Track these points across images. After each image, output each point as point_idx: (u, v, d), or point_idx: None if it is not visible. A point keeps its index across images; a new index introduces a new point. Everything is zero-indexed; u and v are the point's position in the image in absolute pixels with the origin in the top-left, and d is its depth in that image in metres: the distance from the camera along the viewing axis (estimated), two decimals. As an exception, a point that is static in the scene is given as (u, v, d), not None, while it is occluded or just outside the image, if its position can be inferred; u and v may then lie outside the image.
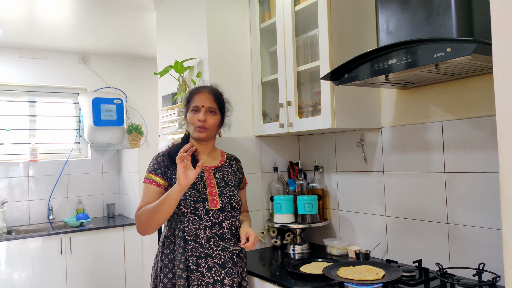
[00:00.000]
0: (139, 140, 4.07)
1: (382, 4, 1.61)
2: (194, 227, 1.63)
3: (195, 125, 1.71)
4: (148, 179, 1.69)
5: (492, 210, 1.60)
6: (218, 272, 1.62)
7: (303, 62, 2.10)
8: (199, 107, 1.72)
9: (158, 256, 1.71)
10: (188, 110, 1.76)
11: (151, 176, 1.69)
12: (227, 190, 1.73)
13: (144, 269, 3.71)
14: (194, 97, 1.75)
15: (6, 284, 3.10)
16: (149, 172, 1.70)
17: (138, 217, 1.63)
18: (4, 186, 3.66)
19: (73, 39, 3.64)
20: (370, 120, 2.01)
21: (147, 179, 1.69)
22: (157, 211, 1.56)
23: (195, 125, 1.71)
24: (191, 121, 1.72)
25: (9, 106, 3.84)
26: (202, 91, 1.77)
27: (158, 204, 1.56)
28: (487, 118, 1.61)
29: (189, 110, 1.74)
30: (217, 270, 1.63)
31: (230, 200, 1.71)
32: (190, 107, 1.74)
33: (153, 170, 1.70)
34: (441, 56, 1.29)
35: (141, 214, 1.61)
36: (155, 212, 1.56)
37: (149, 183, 1.68)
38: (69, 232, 3.36)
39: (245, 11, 2.44)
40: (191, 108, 1.74)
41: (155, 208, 1.56)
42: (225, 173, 1.80)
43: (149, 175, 1.69)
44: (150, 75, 4.37)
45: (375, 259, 2.03)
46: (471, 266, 1.64)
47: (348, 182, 2.23)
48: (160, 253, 1.71)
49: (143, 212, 1.61)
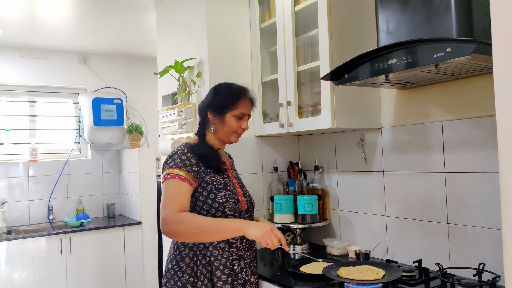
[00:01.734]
0: (139, 140, 4.07)
1: (382, 4, 1.61)
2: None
3: (235, 131, 1.62)
4: (179, 176, 1.49)
5: (492, 210, 1.60)
6: (247, 272, 1.61)
7: (303, 62, 2.10)
8: (245, 115, 1.63)
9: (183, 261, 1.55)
10: (229, 111, 1.61)
11: (182, 172, 1.50)
12: (245, 190, 1.72)
13: (144, 269, 3.71)
14: (242, 102, 1.62)
15: (6, 284, 3.10)
16: (179, 167, 1.50)
17: (178, 223, 1.41)
18: (4, 186, 3.66)
19: (73, 39, 3.64)
20: (370, 120, 2.01)
21: (177, 175, 1.49)
22: (207, 234, 1.43)
23: (235, 131, 1.62)
24: (232, 125, 1.61)
25: (9, 106, 3.84)
26: (248, 96, 1.65)
27: (212, 229, 1.41)
28: (487, 118, 1.61)
29: (232, 113, 1.61)
30: (247, 271, 1.61)
31: (251, 200, 1.71)
32: (237, 111, 1.61)
33: (183, 166, 1.51)
34: (441, 56, 1.29)
35: (184, 222, 1.41)
36: (206, 233, 1.42)
37: (180, 179, 1.49)
38: (69, 232, 3.37)
39: (245, 11, 2.44)
40: (238, 113, 1.61)
41: (207, 229, 1.41)
42: (235, 171, 1.79)
43: (179, 171, 1.50)
44: (150, 75, 4.37)
45: (375, 259, 2.03)
46: (471, 266, 1.64)
47: (348, 182, 2.23)
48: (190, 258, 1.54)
49: (188, 223, 1.41)
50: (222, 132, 1.63)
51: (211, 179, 1.57)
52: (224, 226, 1.43)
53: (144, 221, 3.72)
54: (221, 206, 1.54)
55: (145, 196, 3.76)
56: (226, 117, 1.61)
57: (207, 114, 1.64)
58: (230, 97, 1.61)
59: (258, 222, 1.50)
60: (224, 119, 1.61)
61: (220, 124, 1.62)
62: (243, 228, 1.43)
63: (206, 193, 1.55)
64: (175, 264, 1.56)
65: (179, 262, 1.56)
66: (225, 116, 1.61)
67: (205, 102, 1.67)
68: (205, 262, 1.54)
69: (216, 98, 1.63)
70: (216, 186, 1.57)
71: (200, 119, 1.69)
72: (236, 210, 1.59)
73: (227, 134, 1.63)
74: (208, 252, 1.54)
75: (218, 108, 1.61)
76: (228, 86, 1.66)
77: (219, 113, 1.62)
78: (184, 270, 1.54)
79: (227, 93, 1.63)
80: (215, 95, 1.64)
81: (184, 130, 2.45)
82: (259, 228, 1.43)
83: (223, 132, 1.63)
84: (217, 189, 1.57)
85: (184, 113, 2.44)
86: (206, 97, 1.69)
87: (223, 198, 1.56)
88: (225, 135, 1.64)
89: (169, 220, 1.42)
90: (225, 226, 1.43)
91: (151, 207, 3.78)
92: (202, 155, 1.57)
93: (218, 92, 1.65)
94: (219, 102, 1.61)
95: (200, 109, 1.69)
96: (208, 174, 1.57)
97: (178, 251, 1.57)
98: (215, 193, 1.55)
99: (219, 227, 1.43)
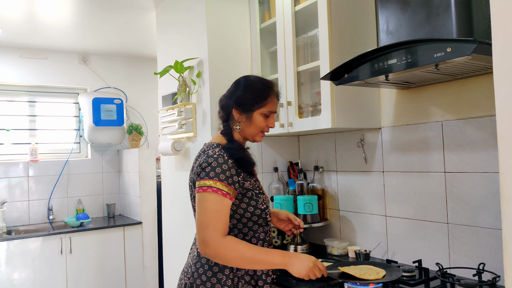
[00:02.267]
0: (139, 140, 4.07)
1: (382, 4, 1.61)
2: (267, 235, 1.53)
3: (262, 130, 1.52)
4: (221, 191, 1.36)
5: (492, 210, 1.60)
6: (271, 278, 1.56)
7: (303, 62, 2.10)
8: (273, 112, 1.52)
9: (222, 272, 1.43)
10: (258, 108, 1.48)
11: (225, 187, 1.37)
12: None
13: (144, 269, 3.71)
14: (272, 99, 1.51)
15: (6, 284, 3.10)
16: (221, 181, 1.37)
17: (224, 250, 1.33)
18: (4, 186, 3.66)
19: (73, 39, 3.64)
20: (370, 120, 2.01)
21: (219, 189, 1.36)
22: (249, 265, 1.37)
23: (262, 130, 1.52)
24: (260, 124, 1.50)
25: (9, 106, 3.84)
26: (275, 92, 1.53)
27: (256, 260, 1.36)
28: (487, 118, 1.61)
29: (261, 111, 1.49)
30: (269, 272, 1.54)
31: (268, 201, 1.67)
32: (265, 109, 1.49)
33: (225, 179, 1.38)
34: (441, 56, 1.29)
35: (229, 250, 1.33)
36: (249, 264, 1.36)
37: (222, 195, 1.36)
38: (69, 232, 3.37)
39: (245, 11, 2.44)
40: (266, 111, 1.49)
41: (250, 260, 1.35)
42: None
43: (221, 185, 1.37)
44: (150, 75, 4.37)
45: (375, 259, 2.03)
46: (471, 266, 1.64)
47: (348, 182, 2.23)
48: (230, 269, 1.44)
49: (233, 251, 1.33)
50: (248, 130, 1.52)
51: (250, 184, 1.47)
52: (267, 260, 1.37)
53: (144, 221, 3.72)
54: (263, 213, 1.47)
55: (145, 196, 3.76)
56: (254, 115, 1.49)
57: (231, 111, 1.51)
58: (259, 93, 1.49)
59: (299, 255, 1.41)
60: (252, 117, 1.49)
61: (247, 122, 1.50)
62: (287, 264, 1.37)
63: (247, 200, 1.45)
64: (211, 276, 1.43)
65: (216, 274, 1.43)
66: (253, 114, 1.49)
67: (230, 98, 1.52)
68: (244, 272, 1.45)
69: (243, 93, 1.49)
70: (255, 192, 1.48)
71: (223, 116, 1.55)
72: (270, 214, 1.54)
73: (253, 133, 1.52)
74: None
75: (245, 105, 1.48)
76: (256, 81, 1.53)
77: (246, 111, 1.49)
78: (224, 282, 1.42)
79: (255, 89, 1.50)
80: (242, 91, 1.50)
81: (184, 130, 2.45)
82: (303, 265, 1.38)
83: (249, 131, 1.52)
84: (256, 195, 1.48)
85: (184, 113, 2.44)
86: (229, 92, 1.54)
87: (263, 204, 1.48)
88: (251, 134, 1.52)
89: (214, 245, 1.33)
90: (268, 260, 1.37)
91: (151, 207, 3.78)
92: (241, 160, 1.45)
93: (245, 87, 1.50)
94: (247, 99, 1.48)
95: (223, 106, 1.54)
96: (246, 180, 1.46)
97: (213, 261, 1.43)
98: (256, 199, 1.47)
99: (262, 260, 1.36)
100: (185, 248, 2.59)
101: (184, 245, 2.61)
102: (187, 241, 2.57)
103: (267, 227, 1.52)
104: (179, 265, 2.68)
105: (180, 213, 2.66)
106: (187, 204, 2.56)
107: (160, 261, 3.78)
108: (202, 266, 1.45)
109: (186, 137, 2.52)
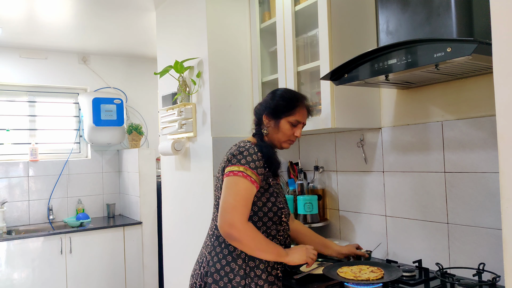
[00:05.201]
0: (139, 140, 4.07)
1: (382, 4, 1.61)
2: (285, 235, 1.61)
3: (289, 138, 1.61)
4: (250, 178, 1.45)
5: (492, 210, 1.60)
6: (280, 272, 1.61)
7: (303, 62, 2.10)
8: (300, 123, 1.62)
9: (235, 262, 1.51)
10: (285, 116, 1.59)
11: (254, 175, 1.46)
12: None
13: (144, 269, 3.71)
14: (299, 110, 1.61)
15: (6, 284, 3.10)
16: (251, 168, 1.46)
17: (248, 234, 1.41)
18: (4, 186, 3.66)
19: (73, 39, 3.64)
20: (370, 120, 2.01)
21: (249, 176, 1.45)
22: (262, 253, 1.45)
23: (289, 138, 1.61)
24: (287, 132, 1.60)
25: (9, 106, 3.84)
26: (305, 105, 1.64)
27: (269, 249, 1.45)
28: (487, 118, 1.61)
29: (288, 119, 1.59)
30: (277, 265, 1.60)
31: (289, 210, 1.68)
32: (292, 117, 1.59)
33: (254, 168, 1.47)
34: (441, 56, 1.29)
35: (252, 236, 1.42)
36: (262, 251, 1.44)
37: (251, 182, 1.45)
38: (69, 232, 3.37)
39: (245, 11, 2.44)
40: (293, 120, 1.59)
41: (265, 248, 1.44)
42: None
43: (251, 172, 1.46)
44: (150, 75, 4.38)
45: (375, 259, 2.03)
46: (471, 266, 1.64)
47: (348, 182, 2.22)
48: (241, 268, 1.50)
49: (255, 237, 1.43)
50: (275, 136, 1.62)
51: (272, 182, 1.57)
52: (275, 251, 1.46)
53: (144, 221, 3.73)
54: (279, 212, 1.54)
55: (145, 196, 3.76)
56: (281, 122, 1.59)
57: (262, 117, 1.63)
58: (288, 103, 1.60)
59: (292, 248, 1.54)
60: (279, 124, 1.59)
61: (275, 128, 1.61)
62: (288, 255, 1.49)
63: (268, 195, 1.53)
64: (225, 264, 1.51)
65: (230, 263, 1.50)
66: (281, 121, 1.59)
67: (263, 105, 1.65)
68: (254, 265, 1.52)
69: (274, 101, 1.61)
70: (276, 191, 1.56)
71: (256, 121, 1.68)
72: (287, 217, 1.60)
73: (279, 140, 1.62)
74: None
75: (274, 112, 1.60)
76: (287, 92, 1.65)
77: (274, 117, 1.60)
78: (237, 271, 1.49)
79: (285, 98, 1.61)
80: (273, 99, 1.63)
81: (184, 130, 2.45)
82: (300, 253, 1.51)
83: (276, 137, 1.62)
84: (276, 194, 1.56)
85: (184, 113, 2.44)
86: (264, 100, 1.68)
87: (281, 203, 1.56)
88: (278, 140, 1.62)
89: (239, 227, 1.40)
90: (275, 251, 1.46)
91: (151, 207, 3.78)
92: (270, 158, 1.55)
93: (276, 96, 1.63)
94: (276, 106, 1.60)
95: (256, 111, 1.68)
96: (270, 177, 1.56)
97: (227, 250, 1.52)
98: (276, 197, 1.55)
99: (273, 251, 1.46)
100: (185, 247, 2.59)
101: (184, 245, 2.61)
102: (187, 240, 2.57)
103: (280, 226, 1.58)
104: (179, 265, 2.68)
105: (180, 213, 2.66)
106: (187, 204, 2.56)
107: (160, 261, 3.78)
108: (217, 255, 1.53)
109: (186, 137, 2.52)
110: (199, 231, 2.44)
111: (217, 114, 2.33)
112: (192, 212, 2.49)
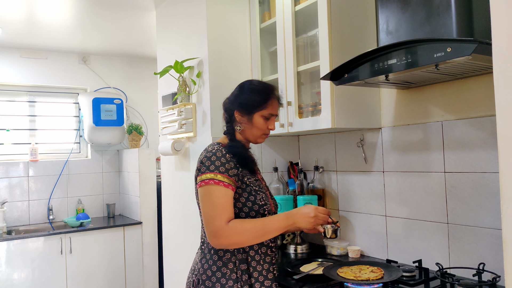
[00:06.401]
0: (139, 140, 4.07)
1: (382, 4, 1.61)
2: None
3: (263, 132, 1.57)
4: (222, 182, 1.43)
5: (492, 210, 1.60)
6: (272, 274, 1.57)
7: (303, 62, 2.10)
8: (273, 115, 1.58)
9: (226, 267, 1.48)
10: (258, 110, 1.54)
11: (225, 178, 1.44)
12: (270, 191, 1.68)
13: (144, 269, 3.71)
14: (272, 103, 1.56)
15: (6, 284, 3.10)
16: (221, 173, 1.44)
17: (235, 235, 1.40)
18: (4, 186, 3.66)
19: (73, 39, 3.64)
20: (370, 120, 2.01)
21: (220, 181, 1.43)
22: (262, 237, 1.43)
23: (263, 132, 1.57)
24: (260, 126, 1.55)
25: (9, 106, 3.84)
26: (276, 96, 1.59)
27: (267, 230, 1.43)
28: (487, 118, 1.61)
29: (262, 113, 1.55)
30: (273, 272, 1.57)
31: (275, 202, 1.67)
32: (265, 111, 1.55)
33: (225, 171, 1.45)
34: (441, 56, 1.29)
35: (239, 233, 1.40)
36: (261, 236, 1.43)
37: (224, 186, 1.43)
38: (69, 232, 3.37)
39: (245, 11, 2.44)
40: (267, 113, 1.55)
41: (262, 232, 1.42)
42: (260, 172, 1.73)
43: (222, 177, 1.43)
44: (150, 75, 4.37)
45: (375, 259, 2.03)
46: (471, 266, 1.64)
47: (348, 182, 2.22)
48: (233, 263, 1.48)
49: (244, 232, 1.40)
50: (249, 132, 1.58)
51: (249, 180, 1.53)
52: (275, 227, 1.44)
53: (144, 221, 3.73)
54: (261, 209, 1.51)
55: (145, 196, 3.76)
56: (254, 117, 1.55)
57: (234, 113, 1.57)
58: (259, 96, 1.55)
59: (298, 211, 1.48)
60: (253, 119, 1.55)
61: (248, 124, 1.56)
62: (294, 223, 1.45)
63: (246, 195, 1.50)
64: (216, 270, 1.48)
65: (221, 268, 1.48)
66: (254, 116, 1.55)
67: (232, 100, 1.59)
68: (246, 268, 1.49)
69: (245, 96, 1.56)
70: (254, 188, 1.53)
71: (226, 117, 1.62)
72: (271, 212, 1.56)
73: (254, 135, 1.58)
74: (249, 257, 1.49)
75: (246, 107, 1.55)
76: (256, 84, 1.60)
77: (247, 113, 1.55)
78: (229, 276, 1.47)
79: (256, 91, 1.56)
80: (243, 93, 1.57)
81: (184, 130, 2.45)
82: (307, 218, 1.45)
83: (250, 133, 1.58)
84: (255, 191, 1.52)
85: (184, 113, 2.44)
86: (232, 94, 1.61)
87: (261, 200, 1.52)
88: (253, 135, 1.58)
89: (223, 233, 1.39)
90: (275, 227, 1.44)
91: (151, 207, 3.78)
92: (241, 156, 1.51)
93: (246, 90, 1.57)
94: (248, 101, 1.55)
95: (226, 108, 1.62)
96: (246, 176, 1.52)
97: (216, 256, 1.49)
98: (254, 195, 1.51)
99: (271, 229, 1.44)
100: (185, 248, 2.59)
101: (184, 245, 2.61)
102: (187, 241, 2.57)
103: None
104: (179, 265, 2.68)
105: (180, 213, 2.66)
106: (187, 204, 2.56)
107: (160, 261, 3.78)
108: (207, 262, 1.50)
109: (186, 137, 2.52)
110: (199, 231, 2.43)
111: (217, 114, 2.33)
112: (192, 212, 2.49)
